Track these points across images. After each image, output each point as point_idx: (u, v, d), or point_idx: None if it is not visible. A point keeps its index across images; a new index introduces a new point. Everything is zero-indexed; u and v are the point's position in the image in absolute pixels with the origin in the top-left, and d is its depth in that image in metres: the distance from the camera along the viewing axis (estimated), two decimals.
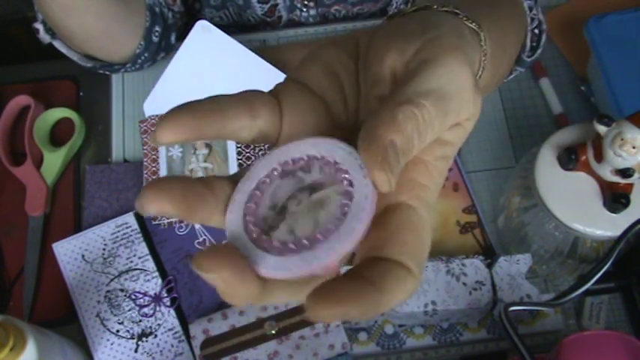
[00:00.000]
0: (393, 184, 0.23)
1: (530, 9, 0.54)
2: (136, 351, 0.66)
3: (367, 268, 0.24)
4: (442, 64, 0.27)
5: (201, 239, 0.70)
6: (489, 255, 0.67)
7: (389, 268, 0.24)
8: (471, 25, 0.37)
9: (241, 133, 0.27)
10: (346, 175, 0.25)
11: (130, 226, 0.70)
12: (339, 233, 0.23)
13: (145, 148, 0.73)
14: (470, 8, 0.38)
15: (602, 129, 0.51)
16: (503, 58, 0.47)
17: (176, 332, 0.66)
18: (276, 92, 0.29)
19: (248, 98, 0.27)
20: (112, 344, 0.66)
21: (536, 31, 0.56)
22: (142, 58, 0.73)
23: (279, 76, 0.75)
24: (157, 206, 0.24)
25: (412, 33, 0.29)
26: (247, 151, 0.72)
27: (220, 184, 0.27)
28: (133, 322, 0.67)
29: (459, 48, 0.28)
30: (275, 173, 0.26)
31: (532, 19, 0.55)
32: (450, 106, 0.26)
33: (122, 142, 0.77)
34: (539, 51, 0.57)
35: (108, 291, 0.68)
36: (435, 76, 0.26)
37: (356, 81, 0.30)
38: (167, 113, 0.26)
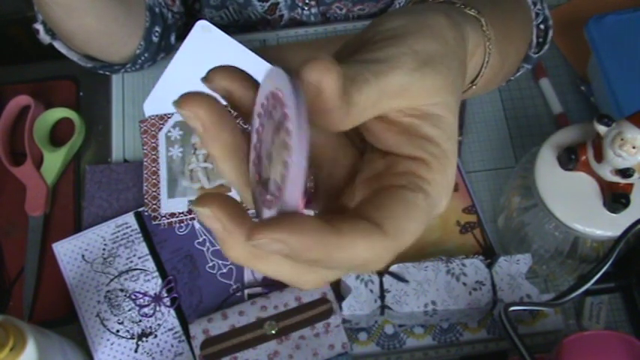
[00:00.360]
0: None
1: (535, 4, 0.54)
2: (136, 351, 0.66)
3: (334, 216, 0.24)
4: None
5: (201, 239, 0.70)
6: (489, 255, 0.67)
7: (357, 220, 0.24)
8: (470, 12, 0.37)
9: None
10: (286, 111, 0.25)
11: (130, 226, 0.70)
12: (289, 179, 0.24)
13: (144, 148, 0.73)
14: (469, 2, 0.38)
15: (602, 129, 0.51)
16: (509, 46, 0.47)
17: (176, 332, 0.66)
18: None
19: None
20: (112, 344, 0.66)
21: (542, 26, 0.55)
22: (142, 58, 0.73)
23: None
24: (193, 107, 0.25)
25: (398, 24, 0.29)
26: None
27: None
28: (133, 322, 0.67)
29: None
30: (262, 118, 0.27)
31: (537, 14, 0.55)
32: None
33: (122, 142, 0.77)
34: (546, 47, 0.57)
35: (108, 291, 0.68)
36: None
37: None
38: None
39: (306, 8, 0.81)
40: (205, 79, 0.26)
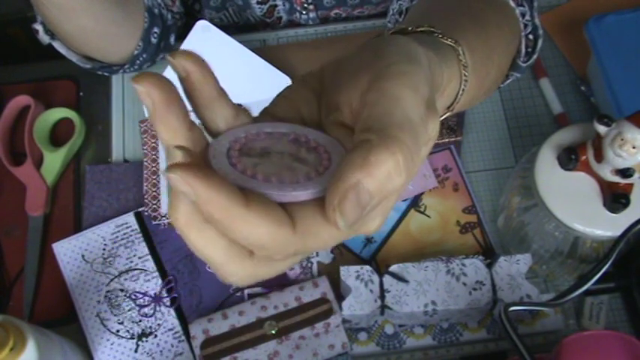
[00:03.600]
0: (343, 225, 0.24)
1: (523, 15, 0.54)
2: (136, 351, 0.66)
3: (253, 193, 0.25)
4: (394, 97, 0.27)
5: None
6: (489, 255, 0.67)
7: (273, 205, 0.25)
8: (446, 42, 0.37)
9: (222, 114, 0.29)
10: (325, 166, 0.27)
11: (130, 226, 0.70)
12: (274, 186, 0.26)
13: (144, 148, 0.73)
14: (450, 24, 0.39)
15: (602, 129, 0.51)
16: (490, 67, 0.47)
17: (176, 332, 0.66)
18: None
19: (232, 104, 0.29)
20: (112, 344, 0.66)
21: (531, 36, 0.56)
22: (141, 59, 0.73)
23: (279, 76, 0.75)
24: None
25: (365, 63, 0.29)
26: None
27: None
28: (133, 322, 0.67)
29: (405, 74, 0.28)
30: (290, 137, 0.29)
31: (525, 25, 0.55)
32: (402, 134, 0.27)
33: (122, 142, 0.77)
34: (534, 56, 0.57)
35: (108, 291, 0.68)
36: (384, 107, 0.27)
37: (316, 110, 0.32)
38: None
39: (304, 13, 0.81)
40: (170, 55, 0.27)
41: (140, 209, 0.72)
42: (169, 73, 0.81)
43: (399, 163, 0.25)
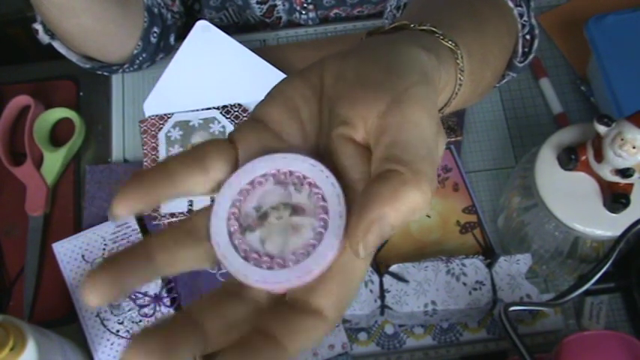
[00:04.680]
0: (363, 255, 0.25)
1: (521, 15, 0.54)
2: None
3: (276, 321, 0.25)
4: (416, 124, 0.27)
5: None
6: (489, 255, 0.67)
7: (300, 320, 0.26)
8: (447, 44, 0.37)
9: (196, 188, 0.28)
10: (325, 217, 0.27)
11: (130, 226, 0.70)
12: (297, 268, 0.26)
13: (145, 148, 0.73)
14: (451, 25, 0.39)
15: (602, 129, 0.51)
16: (485, 71, 0.47)
17: None
18: (232, 138, 0.30)
19: (199, 154, 0.28)
20: (112, 344, 0.66)
21: (528, 37, 0.56)
22: (140, 58, 0.73)
23: (279, 76, 0.75)
24: None
25: (381, 83, 0.29)
26: None
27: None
28: (133, 322, 0.67)
29: (423, 98, 0.28)
30: (271, 177, 0.29)
31: (523, 26, 0.55)
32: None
33: (122, 142, 0.77)
34: (531, 56, 0.57)
35: None
36: (408, 136, 0.27)
37: (317, 112, 0.31)
38: (120, 189, 0.27)
39: (304, 12, 0.81)
40: (111, 215, 0.27)
41: None
42: (170, 73, 0.81)
43: (426, 199, 0.25)
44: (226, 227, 0.27)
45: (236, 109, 0.74)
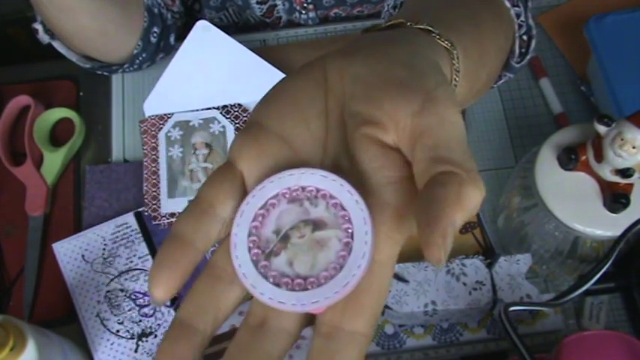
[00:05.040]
0: (444, 260, 0.24)
1: (518, 16, 0.54)
2: (136, 351, 0.66)
3: None
4: (454, 123, 0.27)
5: None
6: (489, 255, 0.67)
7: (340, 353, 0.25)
8: (443, 44, 0.37)
9: (217, 236, 0.28)
10: (349, 226, 0.26)
11: (130, 226, 0.70)
12: (333, 283, 0.25)
13: (144, 148, 0.73)
14: (447, 25, 0.38)
15: (602, 129, 0.51)
16: (481, 71, 0.47)
17: None
18: (233, 159, 0.29)
19: (205, 206, 0.27)
20: (112, 344, 0.66)
21: (525, 37, 0.56)
22: (140, 58, 0.73)
23: (279, 76, 0.75)
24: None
25: (407, 82, 0.28)
26: None
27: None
28: (133, 322, 0.67)
29: (451, 97, 0.28)
30: (283, 197, 0.27)
31: (520, 26, 0.55)
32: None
33: (122, 142, 0.77)
34: (528, 57, 0.57)
35: (108, 291, 0.68)
36: (450, 136, 0.27)
37: (323, 111, 0.30)
38: (150, 276, 0.26)
39: (304, 12, 0.81)
40: (155, 302, 0.27)
41: (140, 209, 0.72)
42: (170, 73, 0.81)
43: (483, 195, 0.26)
44: (249, 257, 0.26)
45: (236, 109, 0.74)
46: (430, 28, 0.37)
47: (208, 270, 0.27)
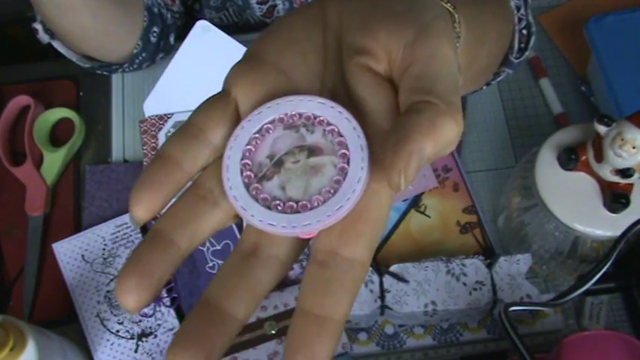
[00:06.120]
0: (404, 187, 0.24)
1: (518, 8, 0.54)
2: (135, 351, 0.66)
3: (315, 295, 0.24)
4: (445, 57, 0.27)
5: None
6: (489, 255, 0.67)
7: (337, 280, 0.25)
8: (445, 5, 0.37)
9: (205, 161, 0.27)
10: (345, 151, 0.26)
11: (130, 226, 0.70)
12: (326, 207, 0.25)
13: (144, 148, 0.73)
14: None
15: (602, 129, 0.51)
16: (480, 50, 0.46)
17: (176, 332, 0.66)
18: (229, 86, 0.29)
19: (195, 130, 0.27)
20: (112, 344, 0.66)
21: (524, 32, 0.55)
22: (140, 58, 0.73)
23: None
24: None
25: (403, 14, 0.28)
26: None
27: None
28: (133, 322, 0.67)
29: (447, 30, 0.28)
30: (280, 123, 0.27)
31: (520, 19, 0.55)
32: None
33: (122, 142, 0.77)
34: (527, 53, 0.57)
35: (108, 291, 0.68)
36: (438, 68, 0.26)
37: (321, 45, 0.30)
38: (132, 193, 0.26)
39: None
40: (133, 221, 0.26)
41: None
42: (170, 73, 0.81)
43: (459, 131, 0.25)
44: (241, 180, 0.26)
45: None
46: None
47: (194, 189, 0.27)
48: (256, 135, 0.27)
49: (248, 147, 0.27)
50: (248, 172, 0.26)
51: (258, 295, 0.25)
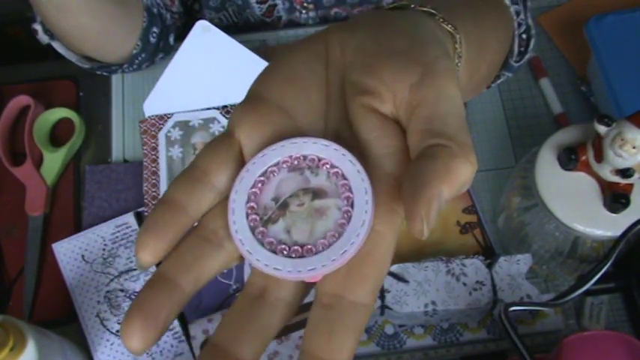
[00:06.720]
0: (427, 234, 0.24)
1: (518, 14, 0.54)
2: None
3: (320, 337, 0.24)
4: (452, 97, 0.27)
5: None
6: (489, 255, 0.67)
7: (341, 324, 0.25)
8: (446, 27, 0.37)
9: (209, 205, 0.27)
10: (350, 194, 0.26)
11: (130, 226, 0.71)
12: (331, 251, 0.25)
13: (144, 148, 0.73)
14: (450, 11, 0.38)
15: (602, 129, 0.51)
16: (481, 62, 0.47)
17: (176, 332, 0.66)
18: (232, 129, 0.28)
19: (199, 174, 0.27)
20: (112, 344, 0.66)
21: (524, 36, 0.56)
22: (139, 58, 0.73)
23: None
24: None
25: (406, 53, 0.28)
26: None
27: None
28: None
29: (451, 70, 0.28)
30: (284, 165, 0.27)
31: (519, 24, 0.55)
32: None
33: (122, 142, 0.77)
34: (527, 56, 0.57)
35: (108, 291, 0.68)
36: (446, 109, 0.26)
37: (324, 82, 0.30)
38: (137, 239, 0.26)
39: (304, 12, 0.81)
40: (140, 266, 0.26)
41: (140, 209, 0.72)
42: (169, 73, 0.81)
43: (474, 170, 0.25)
44: (247, 223, 0.26)
45: None
46: (434, 12, 0.37)
47: (198, 231, 0.27)
48: (261, 178, 0.27)
49: (253, 190, 0.27)
50: (254, 216, 0.26)
51: (266, 338, 0.26)
